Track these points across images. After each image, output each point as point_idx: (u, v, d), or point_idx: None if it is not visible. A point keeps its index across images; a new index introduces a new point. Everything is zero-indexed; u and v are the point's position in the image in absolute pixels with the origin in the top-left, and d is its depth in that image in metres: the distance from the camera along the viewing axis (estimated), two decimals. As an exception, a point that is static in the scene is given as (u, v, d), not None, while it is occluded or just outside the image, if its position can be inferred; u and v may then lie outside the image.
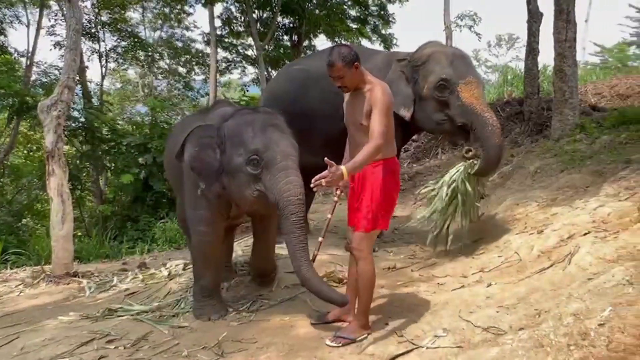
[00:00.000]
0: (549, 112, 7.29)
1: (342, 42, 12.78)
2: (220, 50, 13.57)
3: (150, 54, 15.08)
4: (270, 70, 13.65)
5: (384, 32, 13.71)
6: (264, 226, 3.36)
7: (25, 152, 12.19)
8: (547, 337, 2.07)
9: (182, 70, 16.98)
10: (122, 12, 13.39)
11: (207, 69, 14.42)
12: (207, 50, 14.84)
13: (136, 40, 14.06)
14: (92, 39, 12.80)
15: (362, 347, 2.48)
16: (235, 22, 13.36)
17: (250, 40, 13.34)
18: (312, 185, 2.29)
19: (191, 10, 15.96)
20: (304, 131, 3.47)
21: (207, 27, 13.09)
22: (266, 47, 12.36)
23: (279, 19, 12.73)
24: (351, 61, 2.46)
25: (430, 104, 3.97)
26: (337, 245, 4.19)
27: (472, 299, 2.90)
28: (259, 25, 12.48)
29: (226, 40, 13.83)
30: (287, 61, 13.58)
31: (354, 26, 13.35)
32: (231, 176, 2.73)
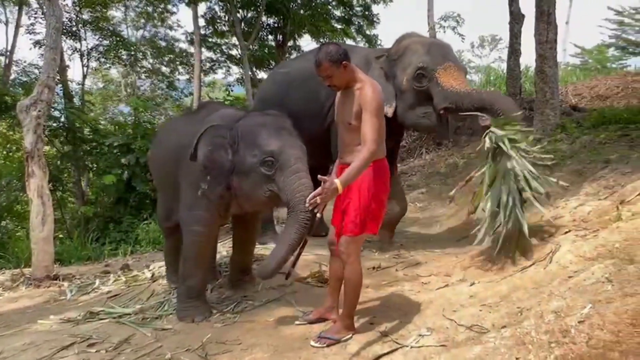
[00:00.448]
0: (530, 112, 7.40)
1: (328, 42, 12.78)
2: (204, 49, 13.48)
3: (133, 53, 14.89)
4: (255, 70, 13.61)
5: (368, 32, 13.79)
6: (248, 225, 3.46)
7: (4, 152, 11.92)
8: (528, 335, 2.09)
9: (165, 69, 16.83)
10: (104, 11, 13.19)
11: (191, 68, 14.31)
12: (191, 49, 14.73)
13: (118, 39, 13.87)
14: (73, 37, 12.60)
15: (346, 347, 2.48)
16: (219, 21, 13.30)
17: (234, 39, 13.29)
18: (306, 204, 2.30)
19: (174, 9, 15.91)
20: None
21: (190, 27, 13.00)
22: (251, 47, 12.30)
23: (264, 18, 12.70)
24: (338, 60, 2.40)
25: (410, 97, 3.84)
26: (322, 245, 4.16)
27: (456, 297, 2.92)
28: (243, 24, 12.43)
29: (210, 39, 13.76)
30: (271, 61, 13.57)
31: (339, 26, 13.38)
32: (243, 176, 2.79)
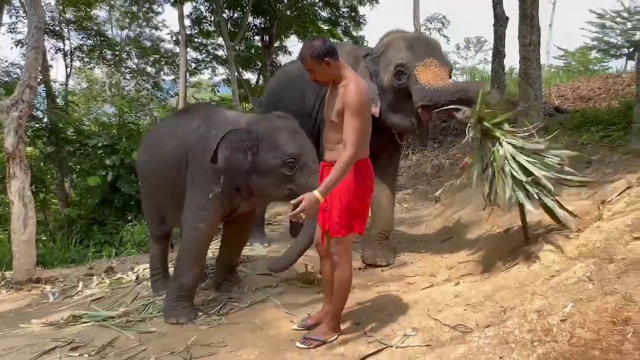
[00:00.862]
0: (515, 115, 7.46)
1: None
2: (190, 50, 13.41)
3: (117, 53, 14.75)
4: (241, 70, 13.55)
5: (355, 34, 13.81)
6: (244, 226, 3.56)
7: (-16, 154, 11.74)
8: (512, 334, 2.12)
9: (150, 70, 16.71)
10: (88, 10, 13.02)
11: (177, 68, 14.23)
12: (177, 49, 14.63)
13: (103, 39, 13.73)
14: (56, 37, 12.45)
15: (332, 348, 2.49)
16: (205, 21, 13.22)
17: (220, 40, 13.23)
18: (290, 219, 2.29)
19: (160, 9, 15.70)
20: None
21: (176, 27, 12.93)
22: (237, 48, 12.26)
23: (250, 19, 12.66)
24: (319, 56, 2.36)
25: (391, 95, 3.69)
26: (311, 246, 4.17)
27: (441, 297, 2.95)
28: (229, 25, 12.37)
29: (196, 40, 13.70)
30: (258, 62, 13.53)
31: (325, 27, 13.39)
32: (263, 176, 2.94)
